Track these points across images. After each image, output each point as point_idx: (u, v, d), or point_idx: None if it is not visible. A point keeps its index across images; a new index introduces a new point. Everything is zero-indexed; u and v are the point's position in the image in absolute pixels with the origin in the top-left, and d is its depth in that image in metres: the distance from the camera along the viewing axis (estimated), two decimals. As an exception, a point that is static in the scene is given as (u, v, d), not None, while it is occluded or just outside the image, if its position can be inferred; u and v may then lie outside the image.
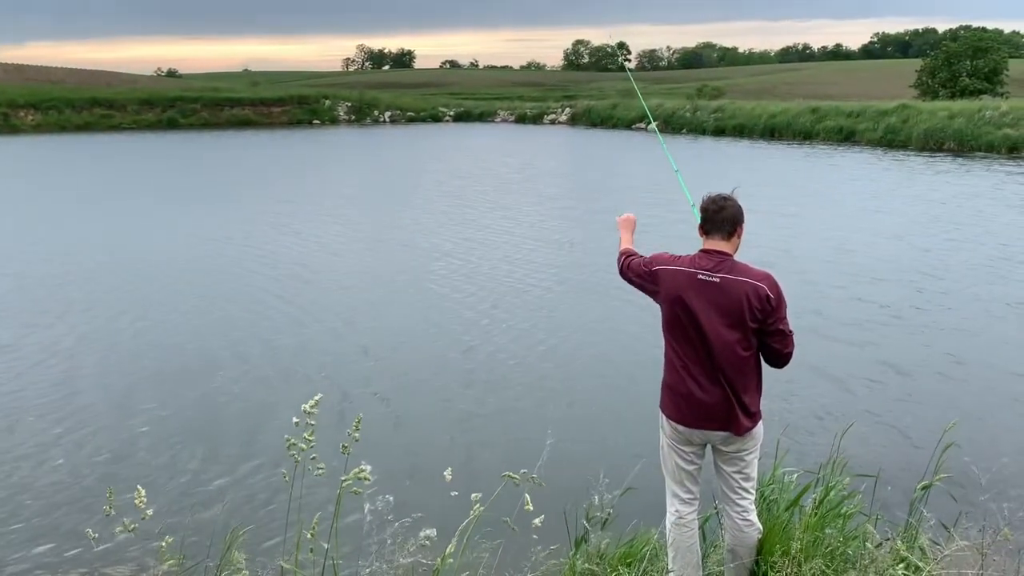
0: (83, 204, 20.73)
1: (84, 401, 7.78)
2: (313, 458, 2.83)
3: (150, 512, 2.84)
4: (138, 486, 2.86)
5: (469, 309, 10.91)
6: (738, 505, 3.83)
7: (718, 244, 3.69)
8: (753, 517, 3.84)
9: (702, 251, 3.71)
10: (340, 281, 12.68)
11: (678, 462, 3.87)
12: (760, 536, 3.84)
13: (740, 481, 3.81)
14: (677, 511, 3.88)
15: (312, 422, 2.82)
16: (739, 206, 3.72)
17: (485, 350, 9.27)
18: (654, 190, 21.78)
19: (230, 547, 3.13)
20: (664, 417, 3.87)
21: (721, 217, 3.69)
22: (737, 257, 3.68)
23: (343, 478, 2.82)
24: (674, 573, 3.79)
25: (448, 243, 15.34)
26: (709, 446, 3.84)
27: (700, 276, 3.63)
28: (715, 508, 4.07)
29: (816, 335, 9.68)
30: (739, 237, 3.73)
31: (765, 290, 3.56)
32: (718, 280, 3.60)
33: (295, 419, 2.85)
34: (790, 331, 3.68)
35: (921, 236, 15.71)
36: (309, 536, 2.80)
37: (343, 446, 2.85)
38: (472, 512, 2.91)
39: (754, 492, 3.87)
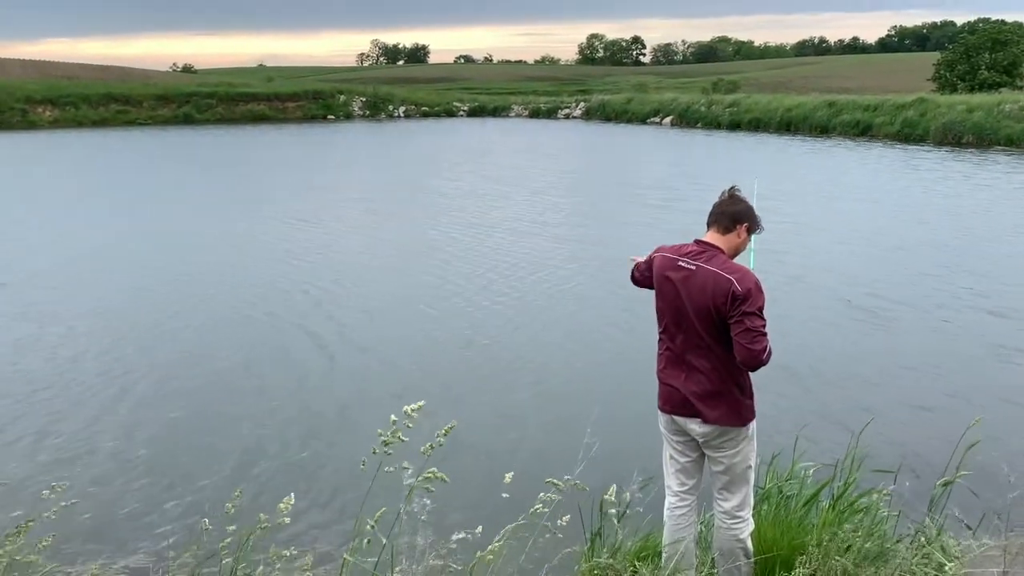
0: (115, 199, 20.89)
1: (132, 383, 7.85)
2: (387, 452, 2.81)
3: (287, 520, 2.88)
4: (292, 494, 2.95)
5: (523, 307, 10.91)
6: (718, 505, 3.86)
7: (712, 236, 3.76)
8: (732, 523, 3.80)
9: (695, 241, 3.79)
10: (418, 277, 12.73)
11: (671, 452, 3.94)
12: (741, 546, 3.80)
13: (721, 479, 3.82)
14: (670, 503, 3.94)
15: (409, 425, 2.79)
16: (747, 208, 3.78)
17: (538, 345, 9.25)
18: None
19: (247, 540, 3.13)
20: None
21: (721, 211, 3.77)
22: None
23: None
24: (666, 564, 3.80)
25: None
26: None
27: (680, 262, 3.71)
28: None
29: (838, 329, 9.63)
30: (740, 237, 3.76)
31: (733, 283, 3.53)
32: (694, 268, 3.65)
33: (393, 416, 2.83)
34: (758, 329, 3.49)
35: (950, 230, 15.54)
36: (370, 527, 2.78)
37: (428, 446, 2.82)
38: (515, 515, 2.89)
39: (738, 496, 3.80)
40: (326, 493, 5.90)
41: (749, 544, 3.83)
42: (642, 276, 4.07)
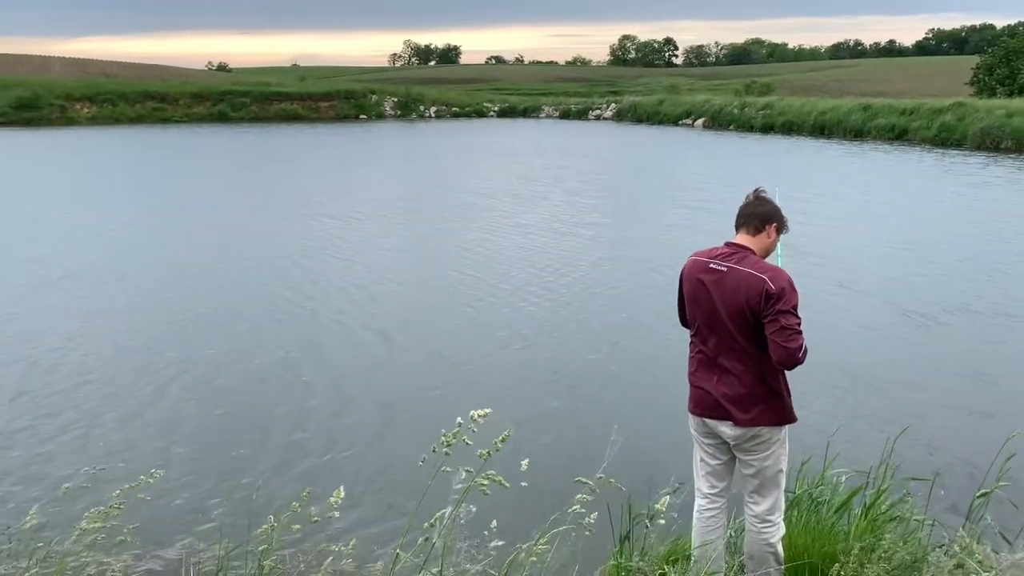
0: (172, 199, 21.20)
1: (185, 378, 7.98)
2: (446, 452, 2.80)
3: (336, 514, 2.88)
4: (340, 487, 2.93)
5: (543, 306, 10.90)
6: (748, 508, 3.84)
7: (742, 238, 3.76)
8: (763, 527, 3.77)
9: (725, 243, 3.78)
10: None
11: (701, 455, 3.93)
12: (771, 551, 3.77)
13: (752, 482, 3.79)
14: (699, 505, 3.93)
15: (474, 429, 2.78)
16: (774, 208, 3.78)
17: (561, 345, 9.24)
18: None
19: (273, 531, 3.15)
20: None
21: (749, 212, 3.77)
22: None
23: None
24: (696, 567, 3.78)
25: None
26: None
27: (711, 264, 3.70)
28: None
29: (879, 334, 9.51)
30: (769, 237, 3.76)
31: (766, 282, 3.52)
32: (725, 269, 3.65)
33: (459, 419, 2.83)
34: (793, 327, 3.47)
35: (997, 235, 15.31)
36: (427, 525, 2.77)
37: (486, 451, 2.83)
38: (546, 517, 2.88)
39: (769, 500, 3.78)
40: (369, 491, 5.91)
41: (780, 549, 3.80)
42: (679, 292, 3.97)
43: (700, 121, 46.25)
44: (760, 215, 3.75)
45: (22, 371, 8.33)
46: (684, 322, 4.02)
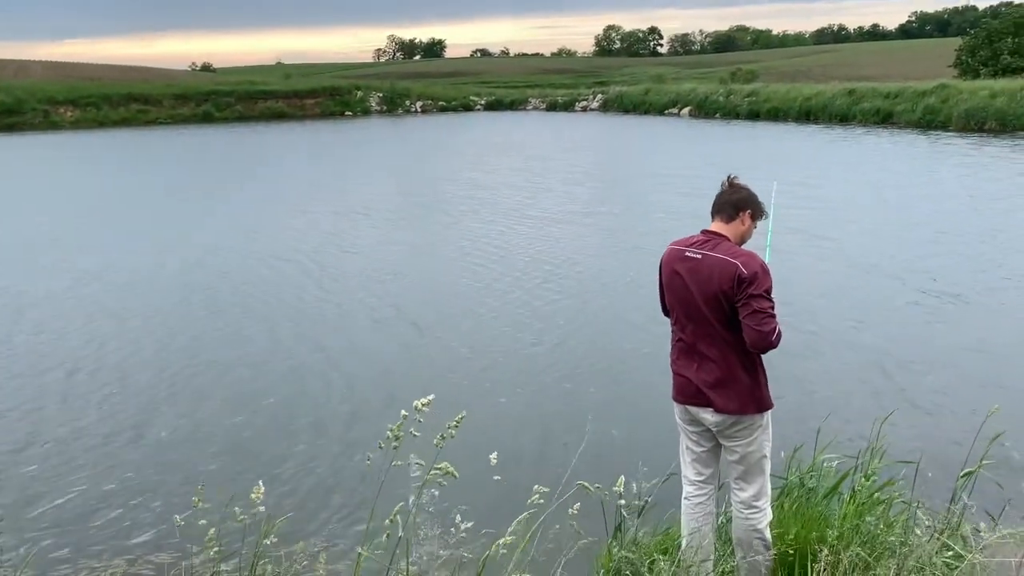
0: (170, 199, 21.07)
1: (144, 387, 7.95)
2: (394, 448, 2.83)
3: (262, 508, 2.88)
4: (259, 482, 2.94)
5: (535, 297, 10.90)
6: (735, 495, 3.86)
7: (717, 226, 3.80)
8: (749, 513, 3.79)
9: (701, 231, 3.82)
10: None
11: (687, 443, 3.96)
12: (759, 537, 3.79)
13: (736, 469, 3.82)
14: (687, 492, 3.96)
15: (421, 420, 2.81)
16: (748, 195, 3.81)
17: (548, 335, 9.26)
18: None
19: (266, 535, 3.16)
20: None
21: (723, 200, 3.81)
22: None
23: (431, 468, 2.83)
24: (685, 554, 3.79)
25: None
26: None
27: (687, 253, 3.74)
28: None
29: (858, 320, 9.55)
30: (744, 224, 3.79)
31: (738, 267, 3.55)
32: (700, 257, 3.68)
33: (404, 412, 2.88)
34: (765, 310, 3.48)
35: (978, 218, 15.36)
36: (387, 522, 2.80)
37: (440, 436, 2.85)
38: (526, 503, 2.90)
39: (755, 486, 3.79)
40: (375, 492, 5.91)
41: (767, 534, 3.82)
42: (663, 295, 3.99)
43: (686, 110, 46.33)
44: (733, 203, 3.78)
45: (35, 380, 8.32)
46: (666, 311, 4.05)
